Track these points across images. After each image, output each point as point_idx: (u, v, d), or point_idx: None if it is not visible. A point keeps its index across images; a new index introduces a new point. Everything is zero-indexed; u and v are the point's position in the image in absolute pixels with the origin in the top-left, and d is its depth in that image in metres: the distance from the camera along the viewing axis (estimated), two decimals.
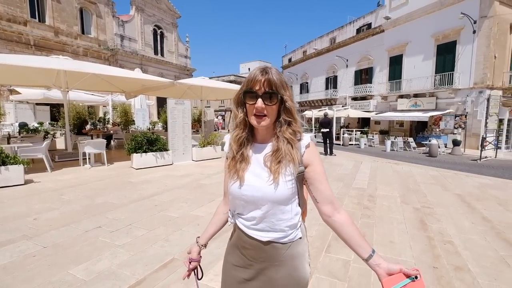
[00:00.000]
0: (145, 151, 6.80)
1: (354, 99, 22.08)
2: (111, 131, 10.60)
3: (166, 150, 7.26)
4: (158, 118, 18.32)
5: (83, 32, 19.27)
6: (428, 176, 6.55)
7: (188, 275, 1.05)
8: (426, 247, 2.84)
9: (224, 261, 1.07)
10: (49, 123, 15.74)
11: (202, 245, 1.07)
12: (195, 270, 1.07)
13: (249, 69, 55.52)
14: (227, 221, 1.08)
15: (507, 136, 15.26)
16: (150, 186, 5.07)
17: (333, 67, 24.56)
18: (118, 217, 3.46)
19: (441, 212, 3.94)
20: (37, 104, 16.33)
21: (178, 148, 7.66)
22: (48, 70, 6.43)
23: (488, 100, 12.49)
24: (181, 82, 8.56)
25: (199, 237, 1.09)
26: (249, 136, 0.94)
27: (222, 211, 1.09)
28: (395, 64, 18.72)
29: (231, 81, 28.34)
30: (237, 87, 10.62)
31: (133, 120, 13.10)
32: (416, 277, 0.78)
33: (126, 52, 21.52)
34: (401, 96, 18.04)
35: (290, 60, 33.30)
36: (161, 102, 20.72)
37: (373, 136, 17.58)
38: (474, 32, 14.07)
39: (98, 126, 10.55)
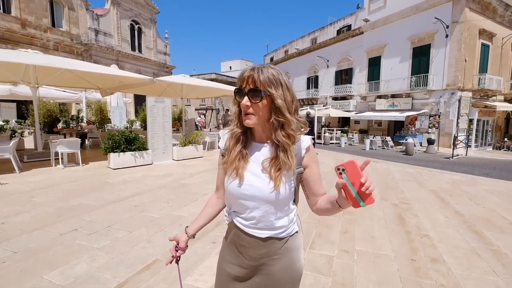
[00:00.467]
0: (123, 151, 6.54)
1: (335, 98, 22.59)
2: (86, 130, 10.11)
3: (146, 149, 7.04)
4: (136, 116, 17.69)
5: (53, 25, 18.08)
6: (405, 173, 6.84)
7: (171, 262, 1.05)
8: (405, 241, 2.96)
9: (219, 259, 1.07)
10: (15, 121, 14.79)
11: (191, 235, 1.06)
12: (176, 262, 1.08)
13: (230, 67, 54.74)
14: (217, 214, 1.10)
15: (476, 135, 16.28)
16: (129, 186, 4.89)
17: (314, 67, 24.98)
18: (96, 219, 3.31)
19: (418, 207, 4.13)
20: (2, 100, 15.28)
21: (158, 147, 7.45)
22: (16, 65, 5.99)
23: (459, 101, 13.27)
24: (161, 79, 8.32)
25: (188, 226, 1.07)
26: (247, 134, 0.95)
27: (214, 204, 1.10)
28: (374, 65, 19.35)
29: (212, 79, 27.84)
30: (219, 85, 10.54)
31: (109, 119, 12.57)
32: (343, 170, 0.73)
33: (101, 48, 20.59)
34: (379, 97, 18.69)
35: (272, 59, 33.48)
36: (139, 100, 19.96)
37: (353, 135, 18.09)
38: (446, 36, 14.85)
39: (72, 125, 10.00)
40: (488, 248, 2.81)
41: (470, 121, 14.81)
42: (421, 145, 14.81)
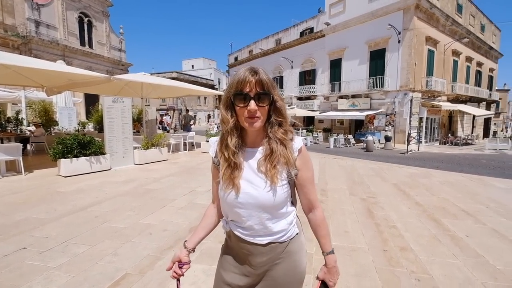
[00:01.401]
0: (76, 156, 5.92)
1: (300, 98, 23.29)
2: (27, 133, 8.90)
3: (103, 153, 6.46)
4: (88, 117, 16.13)
5: None
6: (368, 169, 7.24)
7: (174, 277, 0.97)
8: (375, 233, 3.10)
9: (218, 268, 1.03)
10: None
11: (190, 249, 1.00)
12: (177, 281, 0.98)
13: (192, 66, 53.30)
14: (217, 224, 1.07)
15: (425, 132, 18.03)
16: (86, 195, 4.44)
17: (279, 68, 25.49)
18: (49, 234, 2.91)
19: (383, 200, 4.37)
20: None
21: (117, 151, 6.89)
22: None
23: (411, 101, 14.52)
24: (120, 77, 7.70)
25: (186, 241, 1.02)
26: (238, 141, 0.91)
27: (212, 214, 1.06)
28: (335, 67, 20.33)
29: (173, 78, 26.71)
30: (183, 85, 10.16)
31: (56, 121, 11.36)
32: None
33: (43, 41, 18.28)
34: (341, 97, 19.68)
35: (236, 58, 33.45)
36: (90, 100, 18.31)
37: (317, 134, 18.81)
38: (399, 41, 16.16)
39: (9, 128, 8.76)
40: (447, 234, 3.07)
41: (420, 119, 16.34)
42: (379, 142, 15.91)
